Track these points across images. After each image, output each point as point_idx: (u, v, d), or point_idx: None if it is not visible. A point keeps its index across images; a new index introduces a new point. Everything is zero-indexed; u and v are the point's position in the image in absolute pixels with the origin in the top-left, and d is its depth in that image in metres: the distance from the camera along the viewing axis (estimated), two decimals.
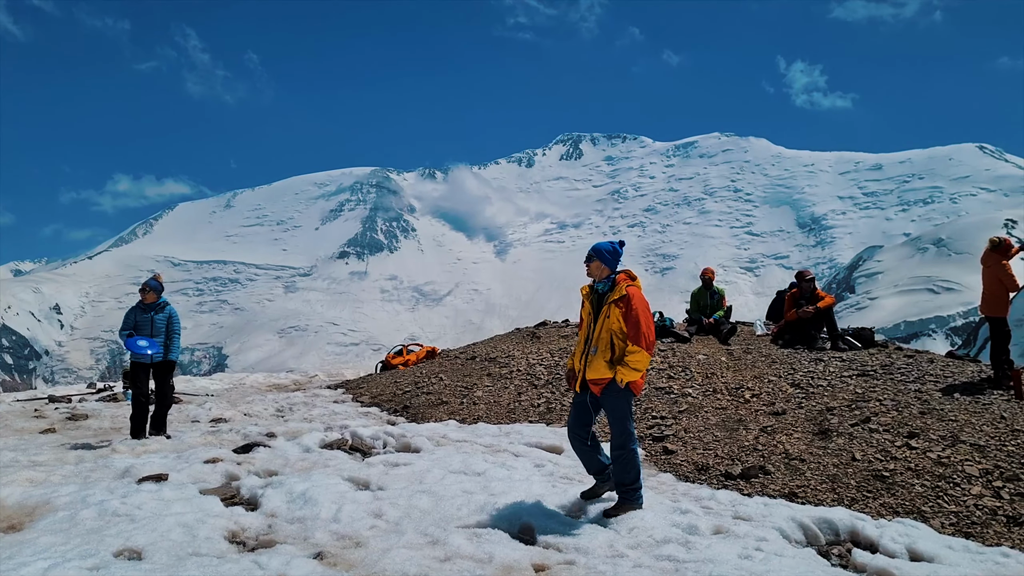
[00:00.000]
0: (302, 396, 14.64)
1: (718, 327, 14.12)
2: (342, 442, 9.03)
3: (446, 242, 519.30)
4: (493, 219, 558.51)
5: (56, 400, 14.42)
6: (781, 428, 8.73)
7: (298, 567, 4.79)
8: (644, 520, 5.84)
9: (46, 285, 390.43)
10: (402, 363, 17.94)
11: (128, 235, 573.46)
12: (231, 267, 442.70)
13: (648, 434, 9.25)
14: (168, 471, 7.19)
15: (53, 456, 8.35)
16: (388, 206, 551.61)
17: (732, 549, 5.29)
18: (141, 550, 5.01)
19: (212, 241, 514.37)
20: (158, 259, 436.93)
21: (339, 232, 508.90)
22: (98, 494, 6.27)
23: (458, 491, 6.67)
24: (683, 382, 10.96)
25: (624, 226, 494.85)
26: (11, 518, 5.85)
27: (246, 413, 12.27)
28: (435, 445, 8.84)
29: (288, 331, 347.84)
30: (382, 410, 12.70)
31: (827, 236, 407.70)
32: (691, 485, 7.48)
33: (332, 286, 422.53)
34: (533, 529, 5.73)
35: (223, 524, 5.67)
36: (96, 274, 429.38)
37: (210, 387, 17.63)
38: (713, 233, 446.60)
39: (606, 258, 6.01)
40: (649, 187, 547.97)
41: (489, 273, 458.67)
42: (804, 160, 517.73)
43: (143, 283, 10.29)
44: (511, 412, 11.17)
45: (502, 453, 8.51)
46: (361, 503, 6.23)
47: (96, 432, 10.50)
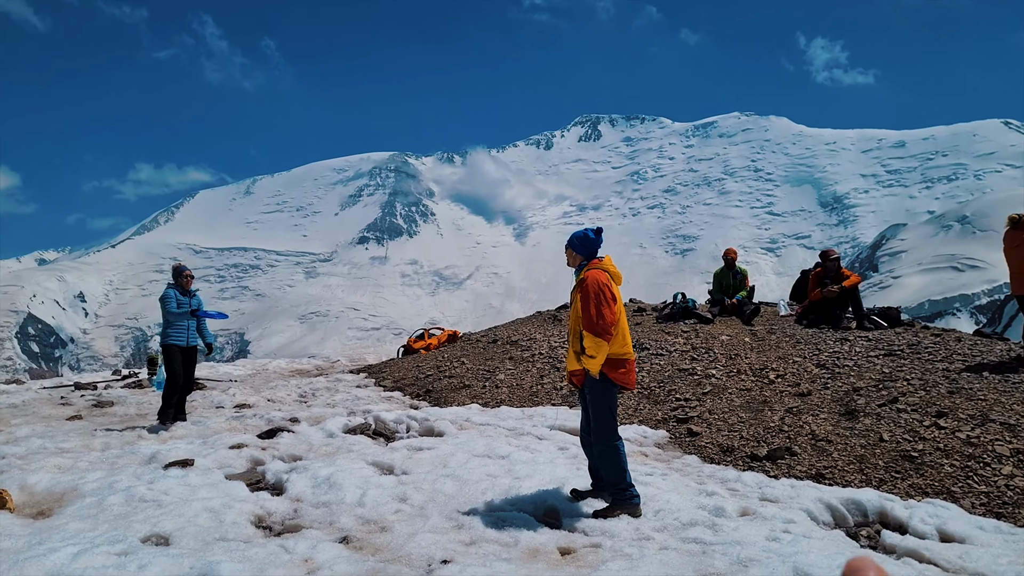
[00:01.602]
0: (325, 381, 14.69)
1: (741, 308, 14.01)
2: (365, 427, 9.05)
3: (465, 226, 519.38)
4: (512, 202, 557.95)
5: (82, 387, 14.56)
6: (807, 409, 8.65)
7: (324, 551, 4.80)
8: (670, 503, 5.80)
9: (70, 274, 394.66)
10: (424, 347, 17.97)
11: (150, 223, 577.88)
12: (252, 254, 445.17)
13: (672, 416, 9.20)
14: (194, 457, 7.24)
15: (80, 443, 8.41)
16: (407, 191, 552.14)
17: (760, 531, 5.25)
18: (168, 535, 5.03)
19: (233, 228, 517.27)
20: (180, 247, 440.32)
21: (358, 217, 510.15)
22: (125, 480, 6.31)
23: (482, 475, 6.66)
24: (706, 363, 10.89)
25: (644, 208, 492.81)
26: (40, 504, 5.91)
27: (269, 399, 12.34)
28: (458, 429, 8.84)
29: (309, 317, 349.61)
30: (404, 394, 12.72)
31: (850, 215, 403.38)
32: (716, 467, 7.43)
33: (352, 271, 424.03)
34: (558, 512, 5.71)
35: (249, 509, 5.69)
36: (119, 262, 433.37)
37: (233, 373, 17.75)
38: (734, 214, 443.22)
39: (575, 245, 5.92)
40: (669, 168, 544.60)
41: (509, 256, 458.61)
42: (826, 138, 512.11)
43: (181, 268, 10.42)
44: (534, 395, 11.15)
45: (526, 436, 8.50)
46: (385, 488, 6.23)
47: (122, 419, 10.59)
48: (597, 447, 5.71)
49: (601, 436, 5.69)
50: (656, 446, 8.29)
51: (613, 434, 5.71)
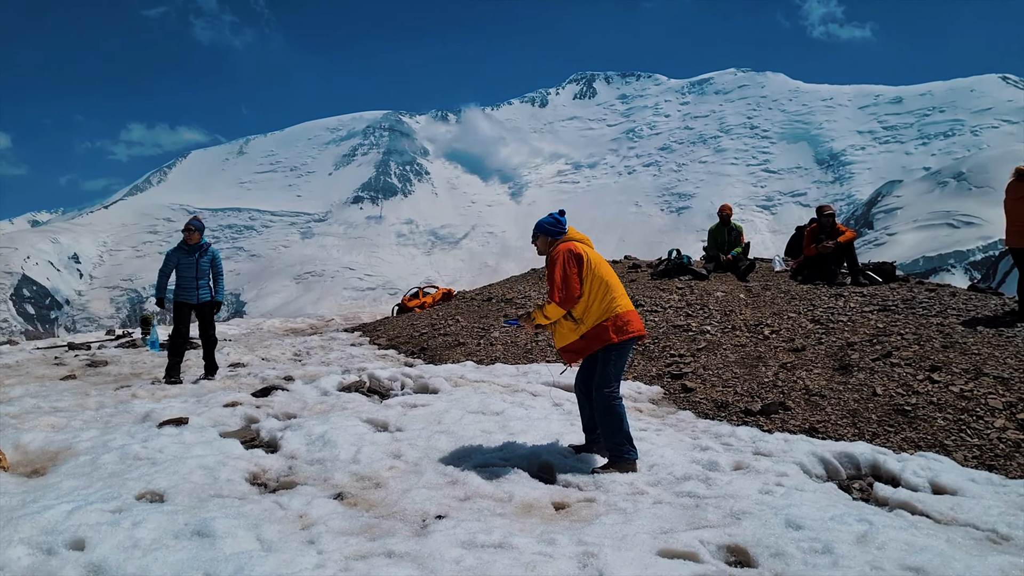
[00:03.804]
0: (319, 340, 14.70)
1: (736, 264, 13.98)
2: (360, 384, 9.06)
3: (460, 185, 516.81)
4: (507, 160, 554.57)
5: (76, 347, 14.55)
6: (801, 364, 8.66)
7: (319, 507, 4.81)
8: (664, 457, 5.82)
9: (64, 235, 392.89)
10: (418, 305, 17.96)
11: (143, 184, 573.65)
12: (246, 214, 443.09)
13: (666, 371, 9.21)
14: (188, 415, 7.24)
15: (74, 402, 8.41)
16: (401, 149, 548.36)
17: (753, 484, 5.27)
18: (163, 492, 5.04)
19: (226, 188, 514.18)
20: (173, 207, 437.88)
21: (353, 177, 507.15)
22: (119, 438, 6.31)
23: (477, 431, 6.67)
24: (701, 319, 10.88)
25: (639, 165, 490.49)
26: (34, 463, 5.91)
27: (264, 357, 12.34)
28: (453, 386, 8.85)
29: (305, 277, 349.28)
30: (399, 352, 12.72)
31: (846, 172, 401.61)
32: (711, 422, 7.45)
33: (348, 231, 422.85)
34: (552, 467, 5.73)
35: (244, 466, 5.70)
36: (113, 223, 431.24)
37: (227, 332, 17.74)
38: (729, 171, 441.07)
39: (549, 231, 5.86)
40: (664, 125, 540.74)
41: (504, 215, 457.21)
42: (822, 94, 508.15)
43: (186, 224, 10.51)
44: (528, 352, 11.16)
45: (520, 393, 8.51)
46: (380, 444, 6.24)
47: (116, 378, 10.59)
48: (599, 402, 5.66)
49: (604, 391, 5.65)
50: (650, 402, 8.31)
51: (616, 390, 5.68)
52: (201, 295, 10.35)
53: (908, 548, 4.10)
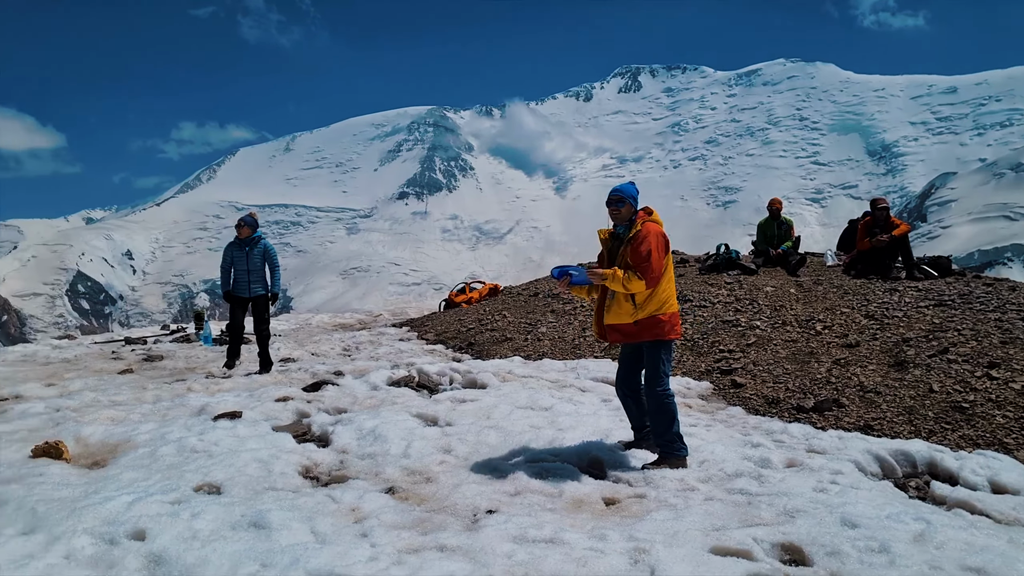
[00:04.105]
0: (368, 335, 14.83)
1: (786, 258, 13.79)
2: (409, 379, 9.13)
3: (505, 180, 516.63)
4: (552, 155, 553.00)
5: (132, 342, 14.87)
6: (855, 360, 8.52)
7: (371, 501, 4.86)
8: (715, 453, 5.78)
9: (117, 232, 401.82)
10: (465, 301, 18.03)
11: (193, 181, 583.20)
12: (293, 210, 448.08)
13: (716, 367, 9.13)
14: (242, 409, 7.36)
15: (132, 395, 8.61)
16: (446, 145, 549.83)
17: (806, 482, 5.21)
18: (220, 485, 5.14)
19: (274, 185, 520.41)
20: (222, 204, 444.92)
21: (398, 173, 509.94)
22: (176, 431, 6.45)
23: (526, 426, 6.69)
24: (751, 314, 10.76)
25: (685, 159, 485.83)
26: (95, 455, 6.06)
27: (314, 352, 12.49)
28: (501, 381, 8.87)
29: (351, 272, 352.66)
30: (447, 347, 12.78)
31: (898, 164, 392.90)
32: (762, 418, 7.37)
33: (393, 227, 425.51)
34: (603, 463, 5.72)
35: (296, 460, 5.79)
36: (164, 220, 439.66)
37: (277, 328, 17.98)
38: (777, 164, 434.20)
39: (635, 198, 5.67)
40: (710, 118, 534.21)
41: (548, 210, 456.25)
42: (874, 85, 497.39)
43: (238, 219, 10.84)
44: (576, 348, 11.13)
45: (568, 388, 8.51)
46: (430, 439, 6.29)
47: (171, 372, 10.81)
48: (652, 399, 5.61)
49: (657, 389, 5.59)
50: (700, 397, 8.25)
51: (668, 387, 5.63)
52: (253, 289, 10.55)
53: (968, 548, 4.02)
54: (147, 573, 3.80)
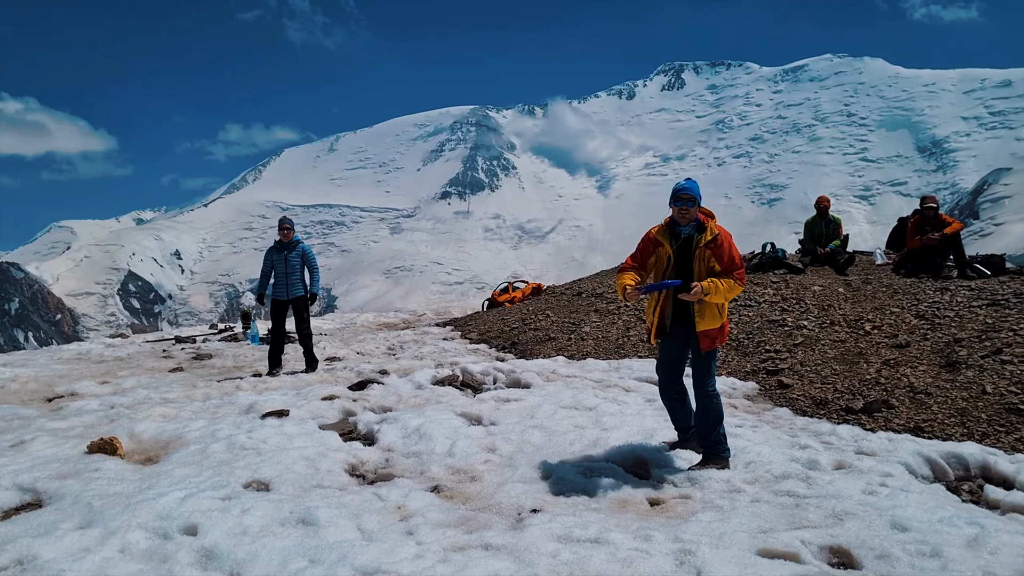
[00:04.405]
0: (412, 334, 14.94)
1: (834, 257, 13.58)
2: (453, 378, 9.18)
3: (547, 179, 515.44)
4: (594, 154, 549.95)
5: (182, 341, 15.15)
6: (905, 361, 8.37)
7: (416, 499, 4.91)
8: (761, 455, 5.72)
9: (166, 232, 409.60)
10: (508, 300, 18.07)
11: (239, 182, 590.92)
12: (337, 210, 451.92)
13: (762, 367, 9.03)
14: (289, 407, 7.47)
15: (182, 393, 8.78)
16: (488, 144, 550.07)
17: (855, 484, 5.13)
18: (268, 482, 5.23)
19: (318, 185, 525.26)
20: (268, 204, 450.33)
21: (440, 172, 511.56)
22: (226, 429, 6.57)
23: (570, 426, 6.69)
24: (798, 314, 10.63)
25: (729, 157, 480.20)
26: (148, 451, 6.21)
27: (359, 351, 12.61)
28: (545, 381, 8.88)
29: (394, 271, 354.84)
30: (490, 347, 12.82)
31: (949, 160, 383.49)
32: (809, 420, 7.28)
33: (436, 226, 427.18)
34: (647, 463, 5.70)
35: (343, 458, 5.87)
36: (211, 221, 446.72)
37: (323, 327, 18.20)
38: (824, 161, 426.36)
39: (699, 200, 5.47)
40: (755, 115, 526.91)
41: (591, 209, 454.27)
42: (924, 79, 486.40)
43: (280, 222, 10.98)
44: (620, 347, 11.10)
45: (612, 388, 8.48)
46: (474, 438, 6.32)
47: (220, 370, 11.00)
48: (701, 401, 5.57)
49: (708, 390, 5.55)
50: (745, 398, 8.17)
51: (715, 386, 5.61)
52: (292, 291, 10.69)
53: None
54: (199, 567, 3.88)
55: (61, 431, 6.88)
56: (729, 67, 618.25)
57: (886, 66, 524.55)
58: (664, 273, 5.54)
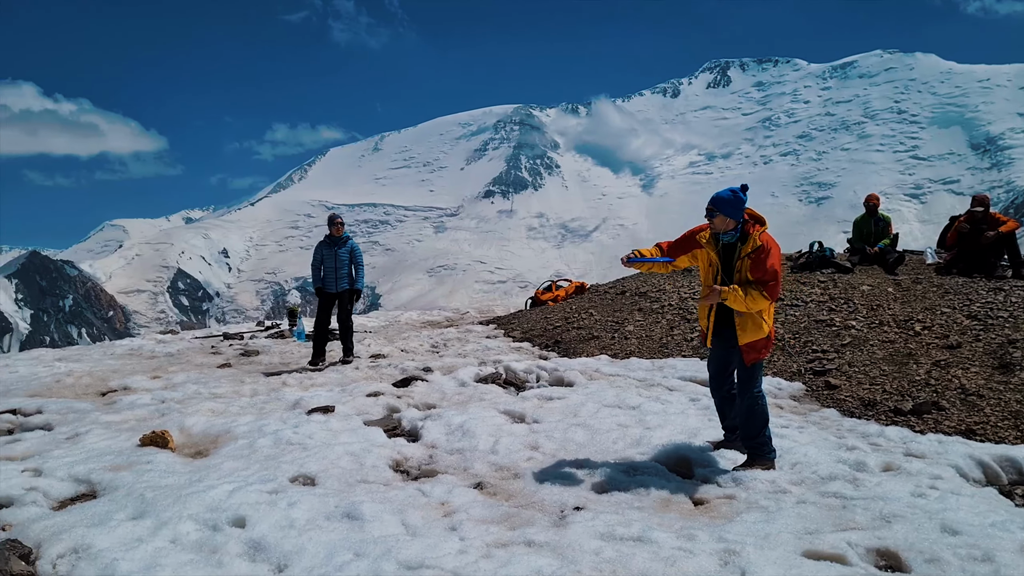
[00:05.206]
0: (455, 332, 14.99)
1: (884, 256, 13.33)
2: (496, 376, 9.21)
3: (591, 177, 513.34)
4: (638, 152, 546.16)
5: (230, 337, 15.40)
6: (956, 362, 8.20)
7: (459, 496, 4.95)
8: (807, 456, 5.66)
9: (214, 231, 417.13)
10: (551, 299, 18.05)
11: (285, 181, 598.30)
12: (381, 209, 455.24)
13: (808, 368, 8.91)
14: (334, 404, 7.57)
15: (230, 389, 8.93)
16: (532, 143, 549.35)
17: (904, 487, 5.05)
18: (314, 476, 5.31)
19: (362, 184, 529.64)
20: (313, 203, 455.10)
21: (484, 171, 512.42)
22: (272, 424, 6.68)
23: (613, 424, 6.68)
24: (846, 314, 10.46)
25: (776, 155, 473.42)
26: (197, 445, 6.34)
27: (403, 349, 12.70)
28: (588, 379, 8.88)
29: (437, 270, 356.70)
30: (533, 345, 12.82)
31: (1004, 157, 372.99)
32: (857, 421, 7.17)
33: (479, 225, 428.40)
34: (690, 462, 5.67)
35: (387, 454, 5.93)
36: (258, 219, 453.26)
37: (367, 324, 18.35)
38: (874, 159, 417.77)
39: (729, 209, 5.36)
40: (803, 112, 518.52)
41: (635, 207, 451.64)
42: (978, 75, 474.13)
43: (336, 217, 11.28)
44: (663, 347, 11.03)
45: (656, 387, 8.44)
46: (517, 436, 6.35)
47: (267, 367, 11.16)
48: (747, 403, 5.50)
49: (751, 390, 5.49)
50: (791, 398, 8.07)
51: (761, 388, 5.54)
52: (339, 284, 11.08)
53: None
54: (247, 559, 3.96)
55: (114, 424, 7.06)
56: (776, 64, 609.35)
57: (939, 61, 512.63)
58: (715, 280, 5.48)
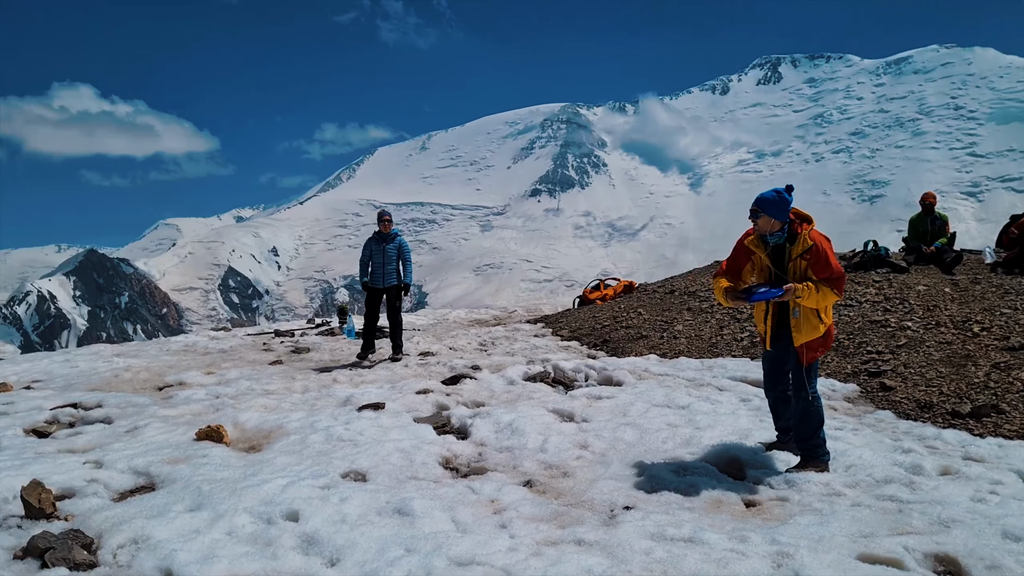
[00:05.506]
0: (503, 330, 15.03)
1: (940, 256, 13.05)
2: (544, 375, 9.21)
3: (638, 176, 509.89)
4: (686, 150, 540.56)
5: (281, 334, 15.62)
6: (1017, 364, 7.98)
7: (509, 493, 4.96)
8: (862, 458, 5.56)
9: (264, 229, 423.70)
10: (599, 298, 17.99)
11: (334, 180, 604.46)
12: (428, 208, 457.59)
13: (863, 369, 8.75)
14: (384, 400, 7.65)
15: (282, 385, 9.07)
16: (578, 142, 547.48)
17: (963, 491, 4.93)
18: (365, 472, 5.37)
19: (410, 183, 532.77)
20: (361, 202, 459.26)
21: (531, 170, 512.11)
22: (324, 420, 6.77)
23: (662, 424, 6.64)
24: (901, 315, 10.26)
25: (828, 152, 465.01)
26: (251, 440, 6.45)
27: (451, 347, 12.76)
28: (637, 379, 8.83)
29: (483, 269, 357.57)
30: (582, 344, 12.80)
31: None
32: (913, 423, 7.01)
33: (526, 224, 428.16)
34: (742, 464, 5.61)
35: (437, 451, 5.98)
36: (307, 218, 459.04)
37: (416, 322, 18.49)
38: (929, 156, 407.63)
39: (773, 210, 5.28)
40: (856, 109, 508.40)
41: (683, 206, 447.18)
42: None
43: (380, 214, 11.51)
44: (713, 346, 10.93)
45: (706, 387, 8.37)
46: (566, 434, 6.34)
47: (317, 364, 11.30)
48: (802, 404, 5.42)
49: (806, 391, 5.40)
50: (845, 400, 7.94)
51: (816, 389, 5.45)
52: (387, 280, 11.22)
53: None
54: (301, 552, 4.02)
55: (171, 418, 7.22)
56: (828, 60, 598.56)
57: (998, 56, 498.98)
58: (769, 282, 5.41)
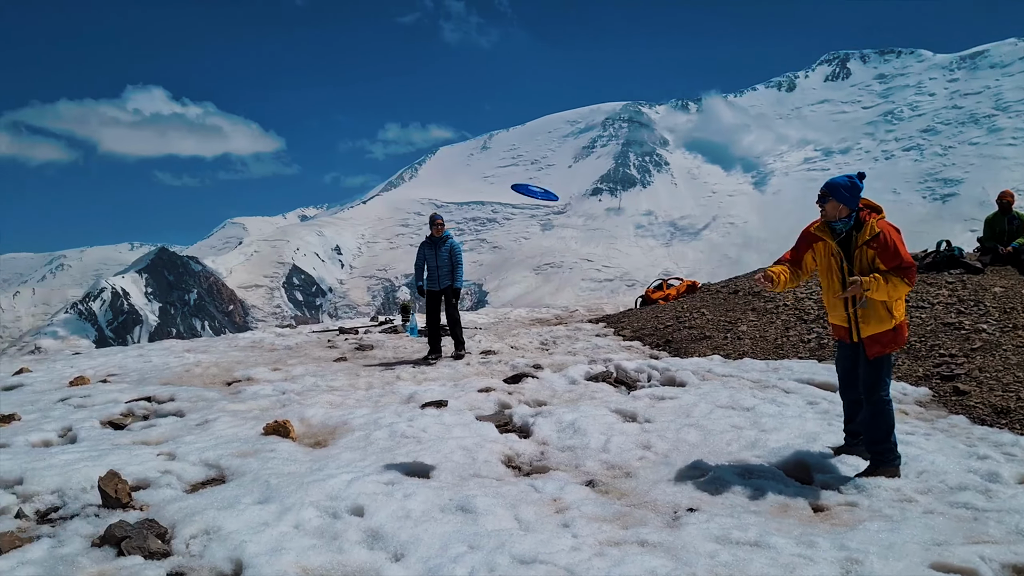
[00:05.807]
0: (564, 330, 15.00)
1: (1018, 256, 12.61)
2: (606, 375, 9.17)
3: (701, 175, 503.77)
4: (750, 149, 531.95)
5: (345, 332, 15.86)
6: None
7: (571, 493, 4.96)
8: (935, 464, 5.41)
9: (327, 228, 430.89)
10: (662, 297, 17.84)
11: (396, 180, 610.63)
12: (489, 207, 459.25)
13: (935, 372, 8.51)
14: (447, 398, 7.71)
15: (347, 382, 9.21)
16: (640, 140, 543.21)
17: None
18: (428, 469, 5.44)
19: (471, 182, 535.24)
20: (423, 202, 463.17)
21: (592, 169, 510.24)
22: (388, 417, 6.86)
23: (726, 426, 6.56)
24: (976, 317, 9.94)
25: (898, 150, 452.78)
26: (316, 435, 6.57)
27: (513, 346, 12.79)
28: (700, 379, 8.73)
29: (544, 268, 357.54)
30: (644, 344, 12.71)
31: None
32: (989, 429, 6.79)
33: (587, 223, 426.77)
34: (809, 468, 5.51)
35: (499, 449, 6.01)
36: (370, 217, 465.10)
37: (477, 321, 18.57)
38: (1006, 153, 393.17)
39: (843, 195, 5.17)
40: (928, 105, 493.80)
41: (746, 205, 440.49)
42: None
43: (432, 218, 11.74)
44: (778, 348, 10.75)
45: (771, 389, 8.23)
46: (629, 435, 6.31)
47: (381, 361, 11.44)
48: (872, 407, 5.28)
49: (877, 394, 5.26)
50: (917, 404, 7.73)
51: (888, 392, 5.30)
52: (443, 282, 11.42)
53: None
54: (366, 547, 4.08)
55: (240, 413, 7.39)
56: (899, 55, 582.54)
57: None
58: (840, 269, 5.26)
